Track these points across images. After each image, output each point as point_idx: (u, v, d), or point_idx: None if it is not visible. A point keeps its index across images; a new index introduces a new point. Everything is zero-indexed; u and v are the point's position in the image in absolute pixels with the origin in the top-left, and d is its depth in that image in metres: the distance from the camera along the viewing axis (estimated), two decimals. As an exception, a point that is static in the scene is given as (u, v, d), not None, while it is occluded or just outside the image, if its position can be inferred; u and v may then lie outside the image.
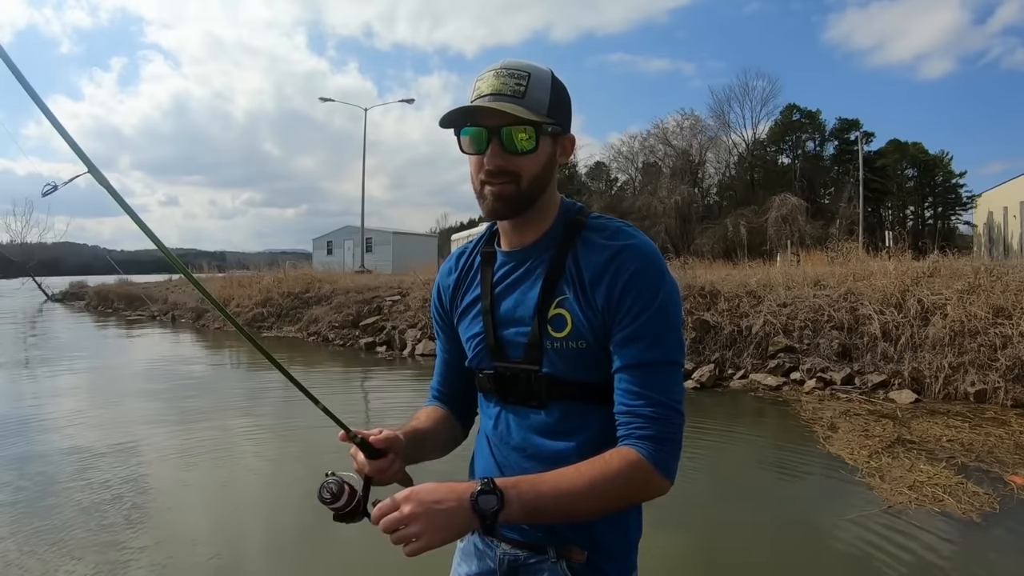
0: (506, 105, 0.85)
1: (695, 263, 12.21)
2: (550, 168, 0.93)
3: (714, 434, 5.72)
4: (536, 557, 0.96)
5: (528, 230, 0.96)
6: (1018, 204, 22.90)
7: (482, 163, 0.90)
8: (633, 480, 0.84)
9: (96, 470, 4.34)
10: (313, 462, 4.45)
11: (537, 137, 0.88)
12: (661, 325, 0.87)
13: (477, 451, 1.10)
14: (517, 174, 0.89)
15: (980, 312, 6.36)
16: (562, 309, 0.92)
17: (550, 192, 0.96)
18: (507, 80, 0.88)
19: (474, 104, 0.87)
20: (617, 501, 0.86)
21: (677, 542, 3.27)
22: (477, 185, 0.93)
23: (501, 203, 0.91)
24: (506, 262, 0.99)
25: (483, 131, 0.88)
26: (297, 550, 3.14)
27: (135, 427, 5.73)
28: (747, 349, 7.29)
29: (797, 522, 3.54)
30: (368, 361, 9.99)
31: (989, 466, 4.11)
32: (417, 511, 0.77)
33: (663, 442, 0.85)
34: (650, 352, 0.87)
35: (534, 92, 0.88)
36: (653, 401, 0.85)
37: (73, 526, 3.37)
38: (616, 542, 0.96)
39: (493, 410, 1.02)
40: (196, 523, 3.53)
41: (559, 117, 0.92)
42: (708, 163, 41.96)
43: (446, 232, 40.14)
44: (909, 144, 43.22)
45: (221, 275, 20.67)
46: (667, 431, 0.85)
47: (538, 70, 0.90)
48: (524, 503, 0.81)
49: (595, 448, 0.88)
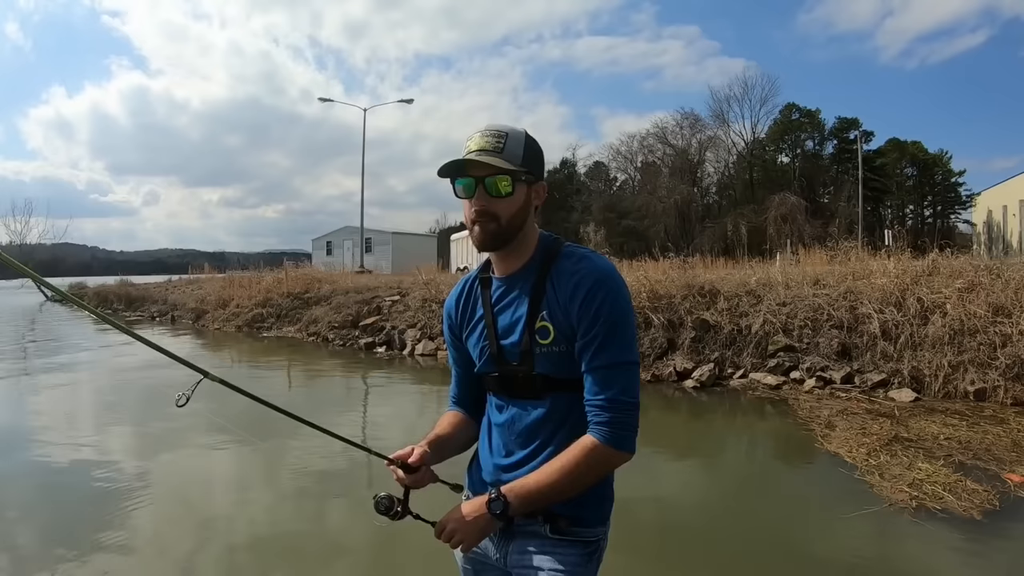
0: (487, 158, 1.09)
1: (695, 262, 12.22)
2: (526, 209, 1.17)
3: (713, 433, 5.73)
4: (526, 521, 1.18)
5: (512, 259, 1.20)
6: (1017, 203, 22.91)
7: (471, 206, 1.15)
8: (595, 460, 1.10)
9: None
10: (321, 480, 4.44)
11: (513, 183, 1.12)
12: (613, 333, 1.10)
13: (480, 440, 1.32)
14: (497, 215, 1.13)
15: (980, 311, 6.36)
16: (546, 322, 1.15)
17: (528, 228, 1.19)
18: (489, 139, 1.12)
19: (463, 157, 1.11)
20: (589, 477, 1.11)
21: (676, 541, 3.27)
22: (468, 223, 1.17)
23: (486, 237, 1.15)
24: (500, 286, 1.23)
25: (472, 180, 1.13)
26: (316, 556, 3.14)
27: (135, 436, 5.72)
28: (747, 348, 7.29)
29: (797, 521, 3.54)
30: (368, 361, 9.98)
31: (987, 464, 4.11)
32: (456, 527, 1.14)
33: (615, 426, 1.09)
34: (604, 356, 1.10)
35: (511, 147, 1.12)
36: (608, 396, 1.10)
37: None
38: (591, 513, 1.20)
39: (501, 404, 1.25)
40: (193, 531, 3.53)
41: (532, 167, 1.16)
42: (707, 162, 42.04)
43: (445, 232, 40.09)
44: (908, 143, 43.28)
45: (221, 275, 20.62)
46: (619, 417, 1.09)
47: (514, 131, 1.15)
48: (520, 499, 1.11)
49: (583, 426, 1.13)
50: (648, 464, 4.45)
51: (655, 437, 5.33)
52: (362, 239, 28.45)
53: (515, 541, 1.21)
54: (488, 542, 1.24)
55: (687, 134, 40.23)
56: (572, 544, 1.17)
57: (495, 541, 1.23)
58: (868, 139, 40.04)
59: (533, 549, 1.18)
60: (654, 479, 4.14)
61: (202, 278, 21.80)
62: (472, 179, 1.13)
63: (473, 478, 1.32)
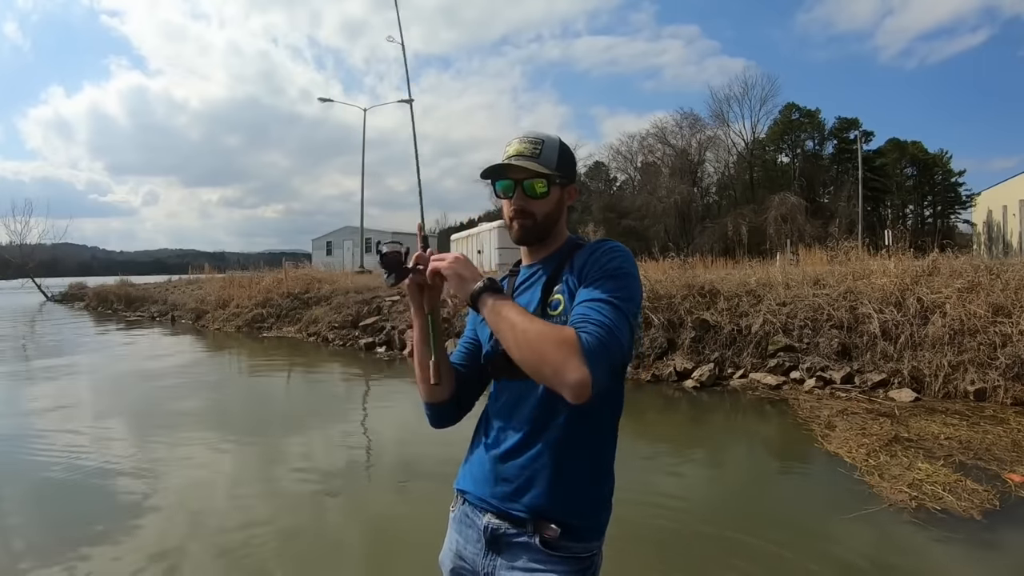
0: (525, 162, 1.20)
1: (695, 262, 12.21)
2: (560, 209, 1.27)
3: (713, 433, 5.73)
4: (515, 530, 1.17)
5: (542, 251, 1.30)
6: (1017, 203, 22.91)
7: (511, 205, 1.24)
8: (562, 344, 1.01)
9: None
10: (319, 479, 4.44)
11: (548, 185, 1.22)
12: (610, 281, 1.12)
13: (474, 439, 1.32)
14: (533, 213, 1.23)
15: (980, 311, 6.36)
16: (558, 295, 1.20)
17: (560, 227, 1.29)
18: (527, 144, 1.22)
19: (504, 162, 1.21)
20: (543, 347, 1.02)
21: (675, 541, 3.27)
22: (507, 221, 1.27)
23: (523, 233, 1.25)
24: (525, 272, 1.31)
25: (511, 182, 1.23)
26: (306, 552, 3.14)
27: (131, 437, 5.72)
28: (747, 348, 7.29)
29: (797, 521, 3.54)
30: (368, 361, 9.98)
31: (987, 464, 4.11)
32: (460, 257, 1.16)
33: (595, 338, 1.03)
34: (597, 292, 1.10)
35: (547, 153, 1.22)
36: (594, 318, 1.06)
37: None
38: (585, 525, 1.18)
39: (501, 387, 1.26)
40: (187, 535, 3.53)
41: (565, 171, 1.25)
42: (707, 162, 41.95)
43: (446, 232, 40.08)
44: (908, 143, 43.26)
45: (221, 276, 20.61)
46: (601, 334, 1.04)
47: (550, 137, 1.25)
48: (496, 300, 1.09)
49: (588, 408, 1.07)
50: (648, 464, 4.45)
51: (655, 437, 5.33)
52: (362, 239, 28.41)
53: (503, 554, 1.19)
54: (475, 555, 1.23)
55: (687, 134, 40.15)
56: (563, 560, 1.15)
57: (482, 553, 1.21)
58: (868, 139, 40.06)
59: (521, 565, 1.16)
60: (654, 479, 4.14)
61: (202, 278, 21.79)
62: (511, 181, 1.23)
63: (464, 476, 1.30)
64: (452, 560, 1.28)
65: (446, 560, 1.30)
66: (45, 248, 37.76)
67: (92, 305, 24.08)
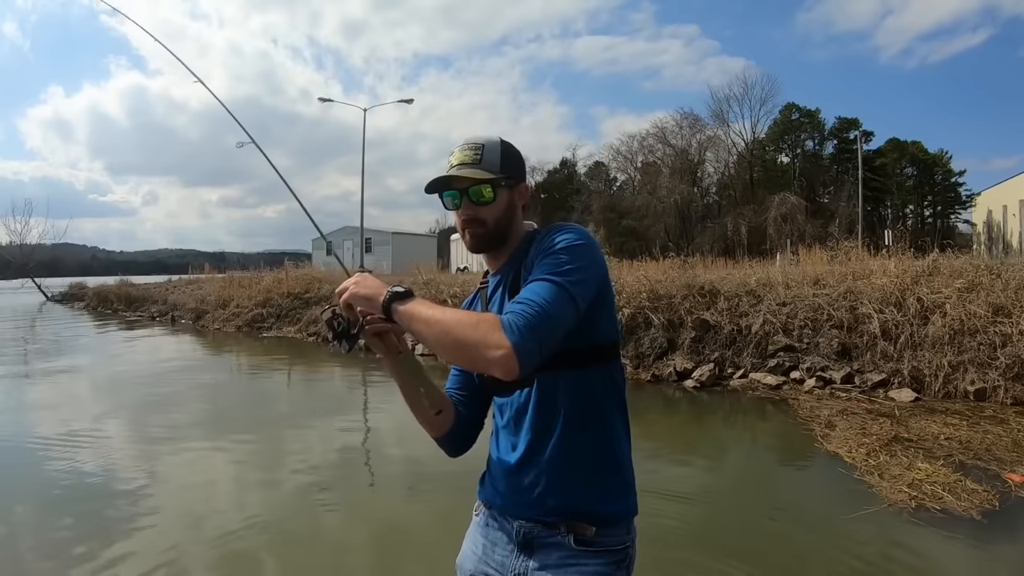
0: (467, 170, 1.17)
1: (695, 262, 12.21)
2: (511, 211, 1.23)
3: (713, 433, 5.74)
4: (548, 532, 1.16)
5: (502, 256, 1.27)
6: (1017, 203, 22.91)
7: (459, 215, 1.22)
8: (479, 323, 1.01)
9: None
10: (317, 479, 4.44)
11: (495, 189, 1.19)
12: (547, 259, 1.09)
13: (490, 450, 1.30)
14: (484, 220, 1.21)
15: (980, 311, 6.36)
16: None
17: (515, 227, 1.25)
18: (467, 152, 1.20)
19: (446, 174, 1.19)
20: (460, 331, 1.01)
21: (675, 541, 3.27)
22: (460, 231, 1.25)
23: (477, 241, 1.23)
24: (492, 282, 1.30)
25: (457, 192, 1.20)
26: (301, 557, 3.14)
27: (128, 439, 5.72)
28: (747, 348, 7.29)
29: (797, 521, 3.54)
30: (368, 361, 9.98)
31: (987, 464, 4.11)
32: (358, 279, 1.14)
33: (516, 314, 1.01)
34: (536, 273, 1.08)
35: (488, 157, 1.19)
36: (519, 300, 1.05)
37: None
38: (615, 507, 1.17)
39: (502, 403, 1.25)
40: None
41: (511, 171, 1.21)
42: (707, 162, 41.93)
43: (445, 232, 40.07)
44: (908, 143, 43.23)
45: (221, 276, 20.61)
46: (523, 309, 1.02)
47: (490, 140, 1.22)
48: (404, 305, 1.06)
49: (582, 405, 1.14)
50: (648, 464, 4.45)
51: (655, 437, 5.33)
52: (362, 239, 28.40)
53: (535, 556, 1.17)
54: (505, 556, 1.21)
55: (687, 134, 40.14)
56: (598, 555, 1.14)
57: (513, 556, 1.20)
58: (868, 139, 40.02)
59: (555, 562, 1.14)
60: (654, 479, 4.14)
61: (202, 278, 21.79)
62: (456, 191, 1.21)
63: (486, 488, 1.29)
64: (475, 564, 1.25)
65: (466, 563, 1.27)
66: (45, 248, 37.77)
67: (92, 305, 24.09)
